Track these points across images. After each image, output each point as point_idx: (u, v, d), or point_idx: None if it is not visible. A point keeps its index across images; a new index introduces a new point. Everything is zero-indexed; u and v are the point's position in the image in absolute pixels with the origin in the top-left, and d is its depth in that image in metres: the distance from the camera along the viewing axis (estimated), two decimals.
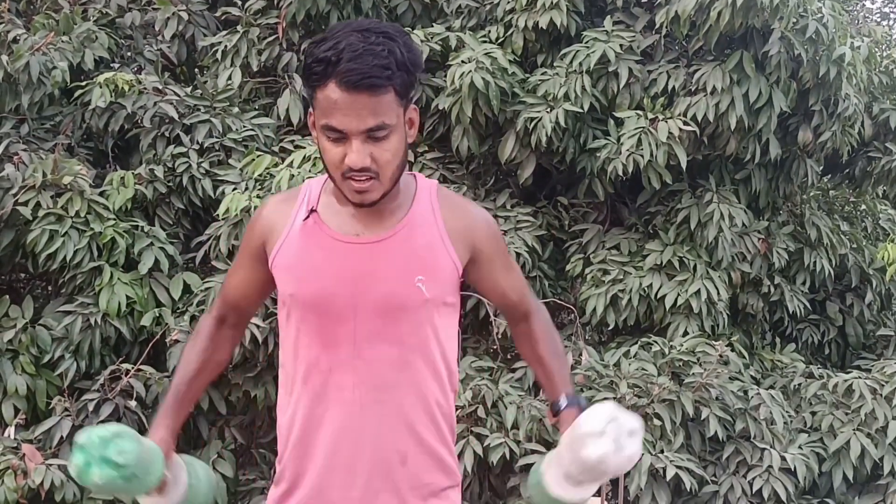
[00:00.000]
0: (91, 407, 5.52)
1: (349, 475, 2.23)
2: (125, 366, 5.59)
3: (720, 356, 5.82)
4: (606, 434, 2.03)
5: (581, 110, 6.25)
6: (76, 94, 6.36)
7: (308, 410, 2.24)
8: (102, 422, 5.48)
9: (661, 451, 5.50)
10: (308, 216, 2.25)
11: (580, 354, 5.94)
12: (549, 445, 5.45)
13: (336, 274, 2.21)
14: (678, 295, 6.19)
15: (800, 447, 5.77)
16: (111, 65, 6.81)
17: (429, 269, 2.23)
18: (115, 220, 5.88)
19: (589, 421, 2.07)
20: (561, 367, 2.46)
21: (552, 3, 6.39)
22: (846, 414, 5.96)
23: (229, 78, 6.85)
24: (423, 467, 2.28)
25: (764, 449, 5.68)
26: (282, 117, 6.77)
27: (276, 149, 6.53)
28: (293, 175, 5.67)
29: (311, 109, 2.17)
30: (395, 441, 2.23)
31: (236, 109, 6.64)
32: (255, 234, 2.35)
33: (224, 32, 7.08)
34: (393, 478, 2.24)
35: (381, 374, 2.22)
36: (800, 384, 6.37)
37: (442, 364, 2.30)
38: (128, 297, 5.68)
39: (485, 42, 6.52)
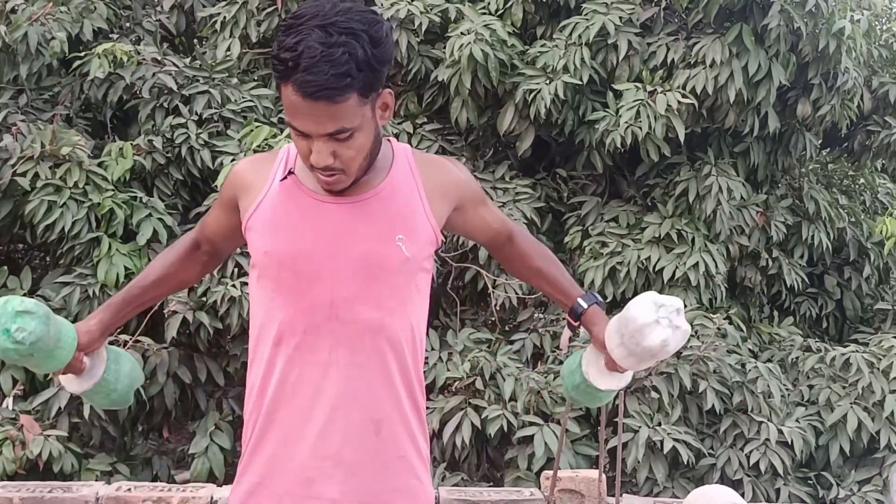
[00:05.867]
0: None
1: (320, 442, 2.14)
2: (123, 337, 5.59)
3: (718, 329, 5.84)
4: (661, 320, 2.17)
5: (580, 82, 6.23)
6: (75, 65, 6.34)
7: (280, 375, 2.16)
8: None
9: (659, 424, 5.52)
10: (286, 176, 2.22)
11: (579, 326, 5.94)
12: (548, 417, 5.48)
13: (315, 233, 2.16)
14: (676, 267, 6.20)
15: (797, 420, 5.79)
16: (110, 35, 6.78)
17: (409, 228, 2.19)
18: (113, 190, 5.88)
19: (641, 313, 2.19)
20: (561, 272, 2.50)
21: None
22: (843, 387, 5.98)
23: (228, 49, 6.84)
24: (397, 437, 2.20)
25: (761, 422, 5.70)
26: None
27: (274, 120, 6.52)
28: None
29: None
30: (371, 408, 2.15)
31: (235, 80, 6.63)
32: (227, 187, 2.34)
33: (223, 3, 7.05)
34: (366, 447, 2.15)
35: (359, 338, 2.14)
36: (797, 357, 6.38)
37: (417, 330, 2.25)
38: (126, 268, 5.68)
39: (484, 13, 6.50)
